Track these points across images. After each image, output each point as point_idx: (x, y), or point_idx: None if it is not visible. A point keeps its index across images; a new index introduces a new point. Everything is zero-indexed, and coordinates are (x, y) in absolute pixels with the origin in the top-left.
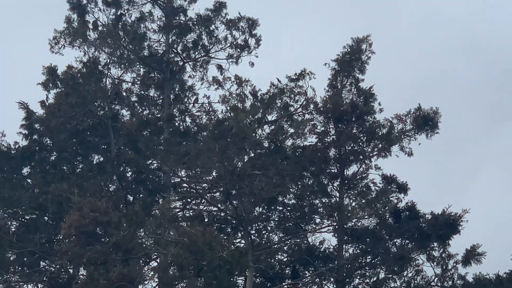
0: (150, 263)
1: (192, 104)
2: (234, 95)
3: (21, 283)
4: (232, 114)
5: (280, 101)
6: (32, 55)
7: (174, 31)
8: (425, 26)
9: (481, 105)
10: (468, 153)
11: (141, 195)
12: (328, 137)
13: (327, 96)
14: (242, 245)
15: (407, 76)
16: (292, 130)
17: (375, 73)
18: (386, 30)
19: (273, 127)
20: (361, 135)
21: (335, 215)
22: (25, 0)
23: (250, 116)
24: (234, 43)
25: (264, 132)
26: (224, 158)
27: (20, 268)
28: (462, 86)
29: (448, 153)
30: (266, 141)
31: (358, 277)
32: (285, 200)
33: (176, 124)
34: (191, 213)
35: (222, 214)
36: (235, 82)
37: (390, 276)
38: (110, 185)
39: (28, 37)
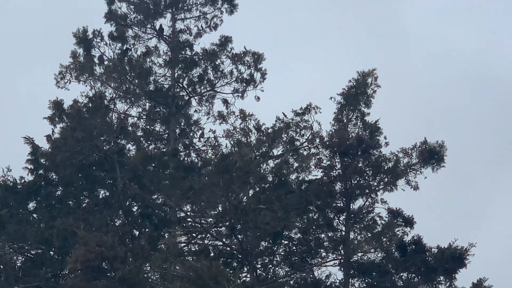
0: None
1: (197, 139)
2: (238, 129)
3: None
4: (236, 148)
5: (285, 135)
6: (38, 89)
7: (179, 65)
8: (434, 60)
9: (491, 138)
10: (477, 187)
11: (146, 230)
12: (334, 171)
13: (333, 130)
14: (248, 279)
15: (415, 109)
16: (297, 164)
17: (381, 106)
18: (393, 64)
19: (277, 161)
20: (367, 169)
21: (341, 249)
22: (31, 35)
23: (255, 151)
24: (240, 77)
25: (268, 167)
26: (229, 193)
27: None
28: (472, 120)
29: (457, 187)
30: (271, 175)
31: None
32: (290, 234)
33: (181, 158)
34: (196, 248)
35: (228, 248)
36: (239, 117)
37: None
38: (116, 220)
39: (33, 71)
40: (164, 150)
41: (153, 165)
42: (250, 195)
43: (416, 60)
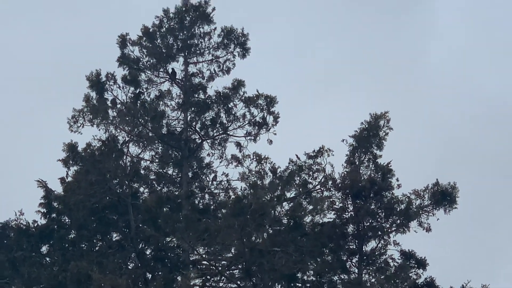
0: None
1: (210, 182)
2: (253, 172)
3: None
4: (251, 191)
5: (298, 178)
6: (51, 132)
7: (192, 109)
8: (446, 100)
9: (506, 179)
10: (492, 228)
11: (160, 273)
12: (347, 213)
13: (345, 173)
14: None
15: (428, 150)
16: (311, 207)
17: (393, 148)
18: (406, 104)
19: (291, 204)
20: (379, 211)
21: None
22: (44, 78)
23: (269, 193)
24: (252, 120)
25: (283, 209)
26: (244, 235)
27: None
28: (485, 161)
29: (471, 228)
30: (286, 218)
31: None
32: (304, 277)
33: (196, 201)
34: None
35: None
36: (254, 159)
37: None
38: (129, 263)
39: (47, 115)
40: (177, 193)
41: (168, 207)
42: (264, 237)
43: (435, 98)
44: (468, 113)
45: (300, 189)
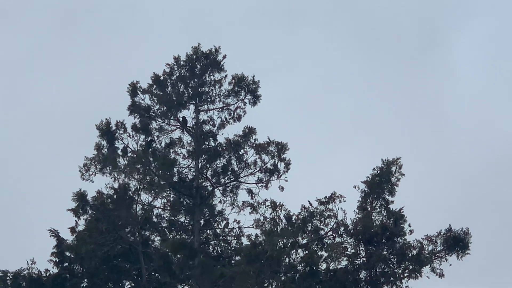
0: None
1: (222, 229)
2: (268, 219)
3: None
4: (266, 237)
5: (310, 224)
6: (61, 180)
7: (203, 156)
8: (461, 144)
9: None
10: (507, 275)
11: None
12: (359, 259)
13: (357, 218)
14: None
15: (442, 196)
16: (325, 254)
17: (405, 193)
18: (419, 149)
19: (304, 250)
20: (392, 256)
21: None
22: (53, 127)
23: (283, 240)
24: (264, 167)
25: (298, 256)
26: (259, 282)
27: None
28: (500, 207)
29: (484, 274)
30: (301, 265)
31: None
32: None
33: (211, 247)
34: None
35: None
36: (269, 206)
37: None
38: None
39: (57, 164)
40: (189, 240)
41: (182, 253)
42: (279, 284)
43: (450, 142)
44: (484, 158)
45: (312, 235)
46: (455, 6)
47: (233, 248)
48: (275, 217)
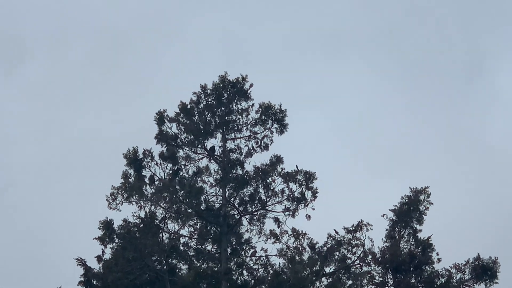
0: None
1: (249, 258)
2: (291, 248)
3: None
4: (289, 266)
5: (337, 253)
6: (87, 208)
7: (231, 184)
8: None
9: None
10: None
11: None
12: (387, 287)
13: (385, 247)
14: None
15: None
16: (350, 282)
17: (434, 221)
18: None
19: (330, 279)
20: (420, 285)
21: None
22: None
23: (308, 268)
24: (291, 196)
25: (322, 284)
26: None
27: None
28: None
29: None
30: None
31: None
32: None
33: (234, 277)
34: None
35: None
36: (292, 235)
37: None
38: None
39: (83, 191)
40: (216, 269)
41: (205, 283)
42: None
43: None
44: None
45: (339, 264)
46: (497, 31)
47: (258, 277)
48: (298, 246)
